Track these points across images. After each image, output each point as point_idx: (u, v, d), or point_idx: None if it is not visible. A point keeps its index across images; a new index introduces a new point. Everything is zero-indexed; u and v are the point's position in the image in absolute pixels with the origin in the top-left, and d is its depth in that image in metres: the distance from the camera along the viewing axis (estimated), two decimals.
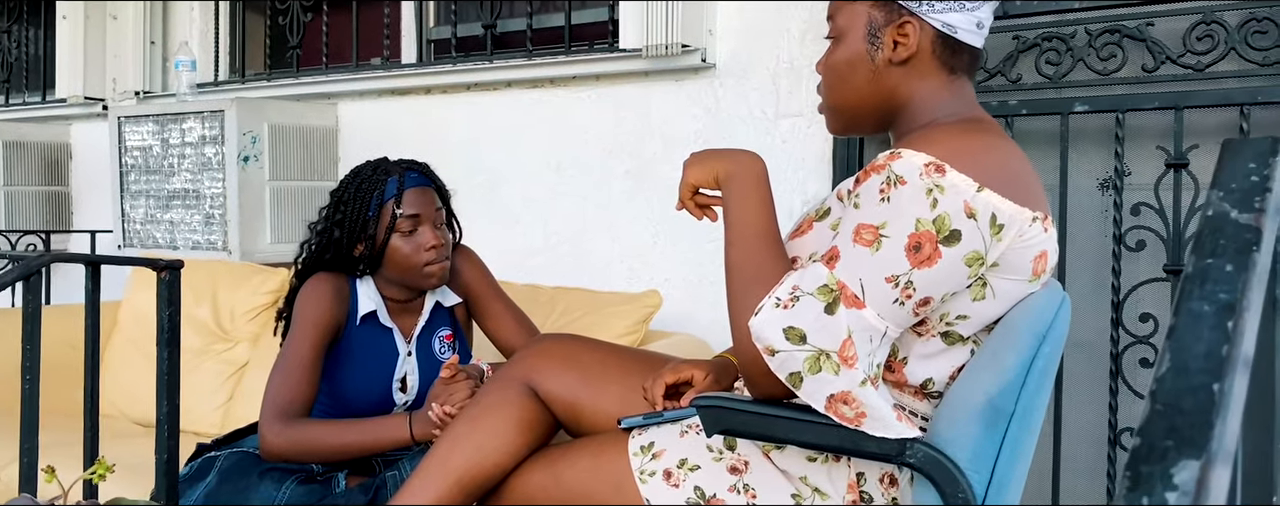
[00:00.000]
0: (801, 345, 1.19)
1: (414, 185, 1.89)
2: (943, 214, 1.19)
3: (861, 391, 1.19)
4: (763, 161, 1.40)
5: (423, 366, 1.94)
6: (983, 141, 1.27)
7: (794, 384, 1.20)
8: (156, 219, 3.35)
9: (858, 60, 1.38)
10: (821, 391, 1.20)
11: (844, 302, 1.20)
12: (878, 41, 1.36)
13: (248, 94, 3.43)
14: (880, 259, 1.21)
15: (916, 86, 1.37)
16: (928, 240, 1.20)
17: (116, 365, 3.00)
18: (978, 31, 1.37)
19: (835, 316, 1.19)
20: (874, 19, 1.37)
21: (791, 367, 1.20)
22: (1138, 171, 2.16)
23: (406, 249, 1.87)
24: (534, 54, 2.92)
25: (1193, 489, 0.39)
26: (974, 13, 1.35)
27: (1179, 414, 0.42)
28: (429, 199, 1.90)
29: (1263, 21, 2.02)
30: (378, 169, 1.91)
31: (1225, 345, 0.46)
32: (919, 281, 1.21)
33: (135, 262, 1.73)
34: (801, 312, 1.20)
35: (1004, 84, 2.28)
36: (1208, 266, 0.50)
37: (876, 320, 1.21)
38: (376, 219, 1.86)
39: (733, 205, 1.36)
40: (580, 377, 1.55)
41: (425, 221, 1.88)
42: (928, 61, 1.36)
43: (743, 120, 2.60)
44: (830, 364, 1.18)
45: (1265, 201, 0.53)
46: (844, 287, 1.20)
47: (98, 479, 1.07)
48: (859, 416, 1.21)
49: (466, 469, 1.48)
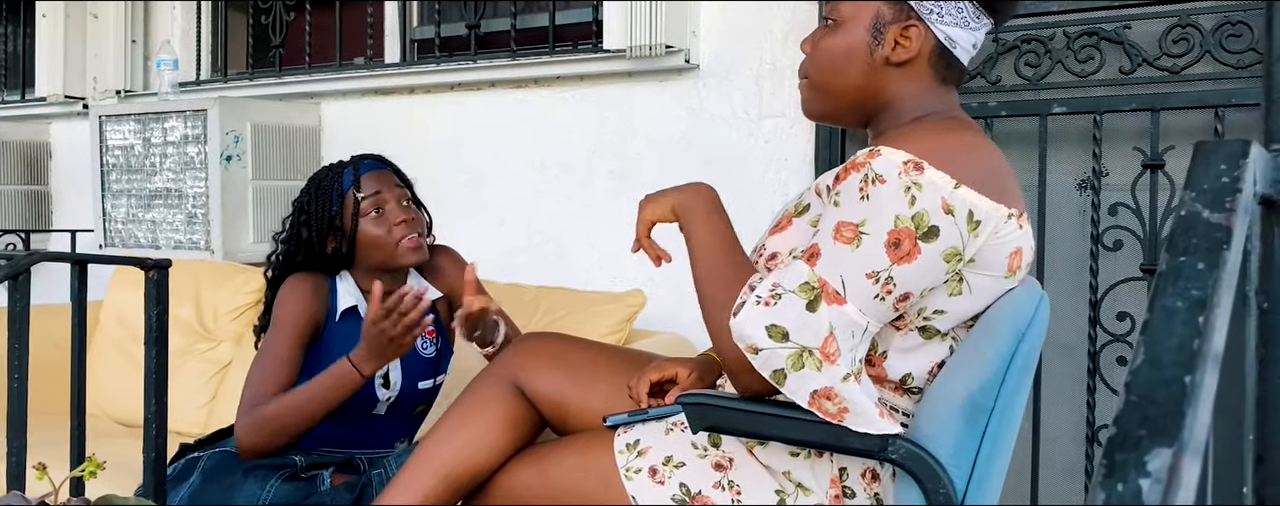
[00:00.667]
0: (784, 342, 1.21)
1: (369, 169, 1.92)
2: (921, 211, 1.22)
3: (844, 387, 1.22)
4: (714, 189, 1.44)
5: (406, 362, 1.94)
6: (960, 140, 1.30)
7: (778, 381, 1.22)
8: (138, 218, 3.34)
9: (856, 51, 1.40)
10: (805, 388, 1.22)
11: (825, 299, 1.22)
12: (881, 38, 1.38)
13: (230, 93, 3.42)
14: (861, 256, 1.23)
15: (904, 88, 1.39)
16: (907, 237, 1.22)
17: (98, 365, 2.99)
18: (971, 51, 1.40)
19: (816, 313, 1.21)
20: (882, 14, 1.38)
21: (775, 365, 1.22)
22: (1115, 172, 2.19)
23: (378, 230, 1.87)
24: (518, 54, 2.93)
25: (1165, 476, 0.41)
26: (975, 33, 1.39)
27: (1152, 404, 0.44)
28: (388, 179, 1.92)
29: (1237, 25, 2.06)
30: (332, 168, 1.95)
31: (1197, 339, 0.48)
32: (899, 277, 1.23)
33: (123, 262, 1.73)
34: (783, 310, 1.22)
35: (983, 86, 2.30)
36: (1180, 264, 0.52)
37: (857, 316, 1.23)
38: (341, 210, 1.88)
39: (694, 229, 1.40)
40: (567, 376, 1.57)
41: (389, 199, 1.89)
42: (922, 67, 1.39)
43: (726, 120, 2.62)
44: (812, 360, 1.21)
45: (1236, 202, 0.55)
46: (825, 284, 1.22)
47: (88, 476, 1.08)
48: (842, 412, 1.23)
49: (453, 466, 1.49)
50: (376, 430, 1.95)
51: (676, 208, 1.42)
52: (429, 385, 1.97)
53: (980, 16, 1.38)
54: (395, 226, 1.87)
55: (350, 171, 1.91)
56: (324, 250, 1.90)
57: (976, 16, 1.38)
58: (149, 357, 1.65)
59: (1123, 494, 0.42)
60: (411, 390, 1.94)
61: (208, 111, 3.10)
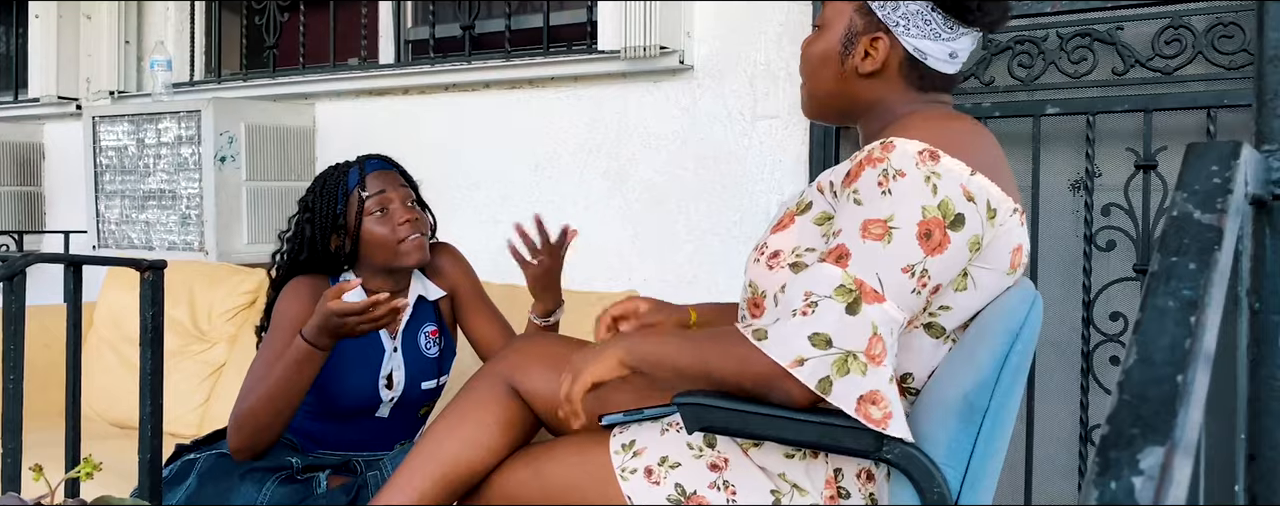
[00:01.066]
0: (828, 349, 1.18)
1: (375, 169, 1.92)
2: (945, 199, 1.22)
3: (890, 389, 1.20)
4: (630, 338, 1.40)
5: (408, 362, 1.94)
6: (964, 128, 1.31)
7: (824, 390, 1.18)
8: (132, 219, 3.33)
9: (830, 58, 1.41)
10: (851, 393, 1.18)
11: (865, 300, 1.20)
12: (851, 47, 1.39)
13: (224, 94, 3.42)
14: (893, 251, 1.22)
15: (882, 95, 1.40)
16: (936, 226, 1.22)
17: (92, 366, 2.97)
18: (950, 61, 1.39)
19: (859, 315, 1.19)
20: (853, 23, 1.39)
21: (821, 373, 1.18)
22: (1108, 173, 2.20)
23: (381, 229, 1.88)
24: (512, 55, 2.93)
25: (1157, 474, 0.41)
26: (949, 43, 1.37)
27: (1145, 403, 0.45)
28: (393, 179, 1.93)
29: (1229, 26, 2.06)
30: (338, 167, 1.95)
31: (1188, 339, 0.48)
32: (933, 268, 1.23)
33: (118, 263, 1.73)
34: (823, 316, 1.19)
35: (977, 86, 2.31)
36: (1172, 264, 0.53)
37: (897, 312, 1.22)
38: (345, 209, 1.88)
39: (654, 356, 1.33)
40: (561, 376, 1.57)
41: (394, 199, 1.89)
42: (893, 78, 1.39)
43: (720, 121, 2.62)
44: (857, 364, 1.18)
45: (1227, 202, 0.56)
46: (862, 285, 1.21)
47: (84, 477, 1.08)
48: (886, 417, 1.20)
49: (448, 467, 1.49)
50: (379, 432, 1.95)
51: (624, 359, 1.34)
52: (432, 385, 1.97)
53: (954, 26, 1.36)
54: (399, 226, 1.87)
55: (356, 170, 1.91)
56: (327, 248, 1.90)
57: (949, 27, 1.36)
58: (144, 359, 1.65)
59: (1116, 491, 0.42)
60: (414, 390, 1.94)
61: (202, 112, 3.09)
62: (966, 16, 1.36)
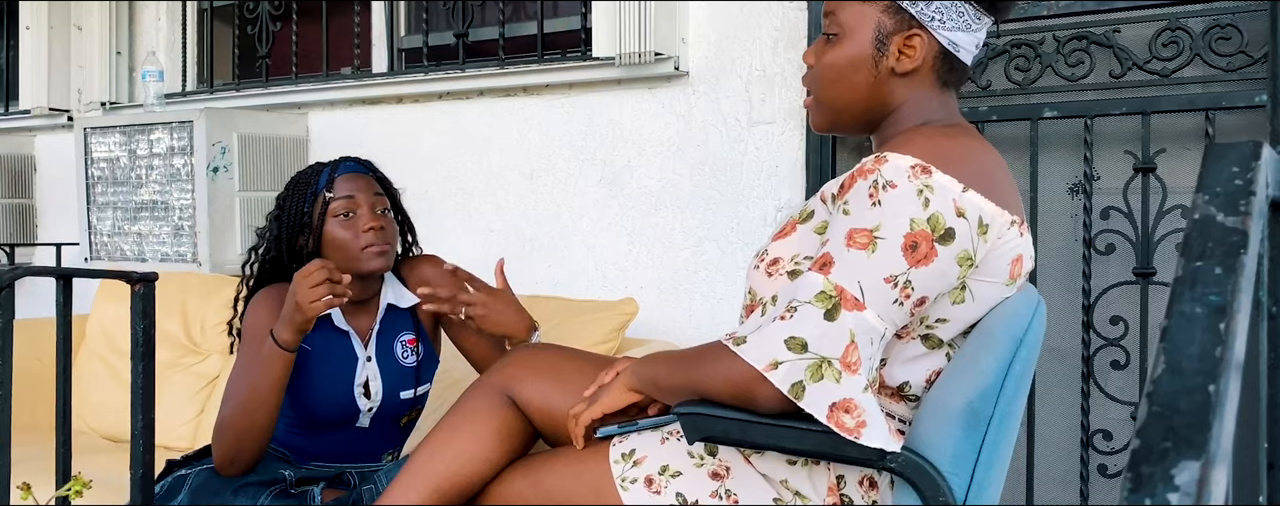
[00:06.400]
0: (803, 354, 1.18)
1: (346, 172, 1.91)
2: (936, 213, 1.22)
3: (864, 398, 1.19)
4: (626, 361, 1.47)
5: (385, 372, 1.92)
6: (962, 144, 1.30)
7: (796, 395, 1.18)
8: (124, 231, 3.31)
9: (861, 63, 1.39)
10: (824, 400, 1.18)
11: (844, 306, 1.20)
12: (885, 48, 1.38)
13: (216, 104, 3.40)
14: (877, 260, 1.21)
15: (909, 95, 1.40)
16: (924, 239, 1.21)
17: (84, 380, 2.96)
18: (975, 51, 1.40)
19: (837, 322, 1.19)
20: (883, 25, 1.38)
21: (794, 378, 1.18)
22: (1106, 176, 2.19)
23: (344, 233, 1.86)
24: (506, 63, 2.92)
25: (1194, 490, 0.39)
26: (977, 34, 1.39)
27: (1176, 414, 0.43)
28: (364, 184, 1.91)
29: (1226, 28, 2.06)
30: (314, 167, 1.95)
31: (1218, 347, 0.46)
32: (917, 280, 1.22)
33: (109, 276, 1.71)
34: (802, 321, 1.19)
35: (974, 90, 2.30)
36: (1197, 269, 0.51)
37: (877, 322, 1.21)
38: (312, 209, 1.87)
39: (655, 382, 1.39)
40: (558, 386, 1.55)
41: (361, 205, 1.87)
42: (926, 74, 1.39)
43: (715, 127, 2.61)
44: (831, 371, 1.18)
45: (1250, 204, 0.54)
46: (842, 292, 1.21)
47: (74, 495, 1.06)
48: (859, 426, 1.19)
49: (445, 478, 1.48)
50: (361, 442, 1.94)
51: (631, 384, 1.42)
52: (410, 395, 1.95)
53: (981, 16, 1.39)
54: (363, 233, 1.86)
55: (327, 171, 1.91)
56: (294, 247, 1.89)
57: (978, 17, 1.38)
58: (135, 372, 1.62)
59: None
60: (393, 400, 1.92)
61: (194, 123, 3.07)
62: (996, 4, 1.38)
